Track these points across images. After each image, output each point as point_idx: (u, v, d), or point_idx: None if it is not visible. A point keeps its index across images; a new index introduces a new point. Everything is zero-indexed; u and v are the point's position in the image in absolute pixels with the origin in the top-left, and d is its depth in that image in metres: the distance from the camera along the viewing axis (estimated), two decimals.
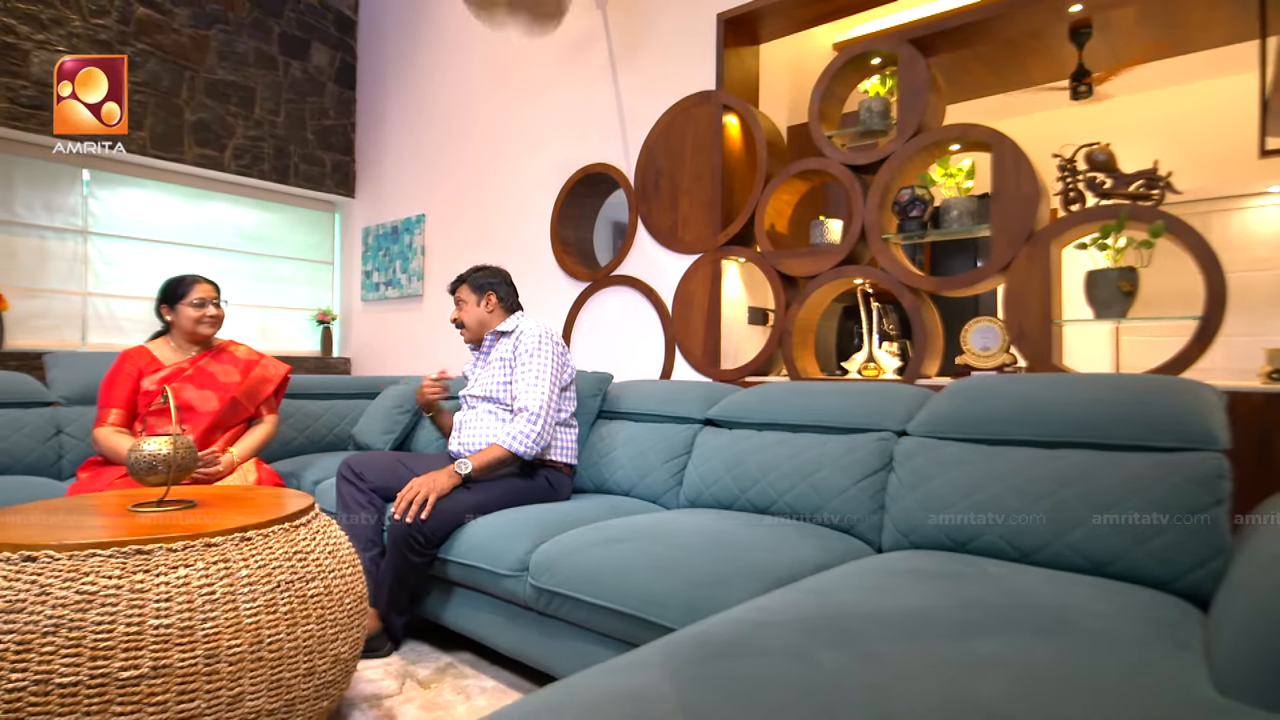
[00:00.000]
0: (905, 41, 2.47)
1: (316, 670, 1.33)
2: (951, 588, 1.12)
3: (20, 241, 3.49)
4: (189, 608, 1.17)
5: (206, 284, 2.29)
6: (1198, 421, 1.36)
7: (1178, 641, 0.99)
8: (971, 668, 0.81)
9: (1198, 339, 1.96)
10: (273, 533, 1.34)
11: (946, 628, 0.94)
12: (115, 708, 1.10)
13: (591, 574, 1.47)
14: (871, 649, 0.86)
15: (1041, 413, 1.51)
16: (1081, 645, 0.91)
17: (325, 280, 4.70)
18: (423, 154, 4.20)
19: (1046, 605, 1.06)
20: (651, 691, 0.75)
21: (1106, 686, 0.79)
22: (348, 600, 1.44)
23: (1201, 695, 0.82)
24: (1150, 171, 2.14)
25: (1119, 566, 1.29)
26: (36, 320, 3.55)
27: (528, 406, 2.01)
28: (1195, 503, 1.27)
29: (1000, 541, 1.41)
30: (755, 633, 0.93)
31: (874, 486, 1.66)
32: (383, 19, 4.50)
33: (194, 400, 2.21)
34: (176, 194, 4.02)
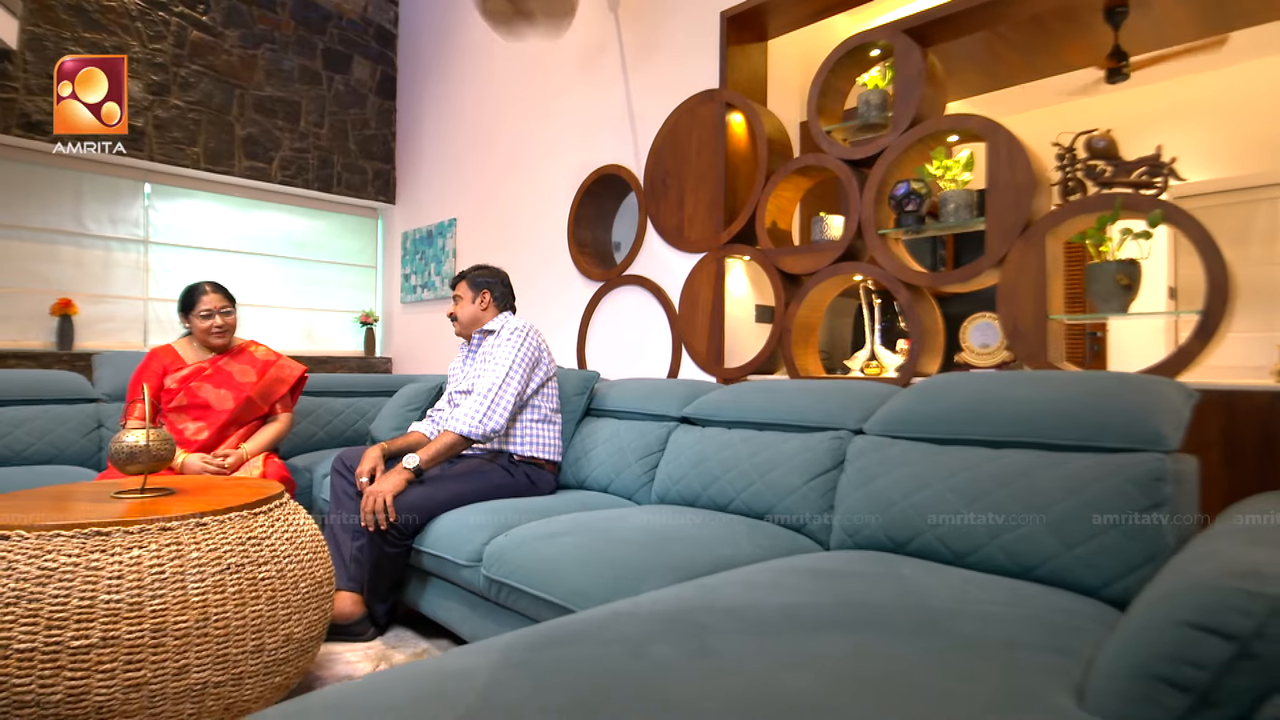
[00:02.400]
0: (900, 32, 2.41)
1: (266, 648, 1.42)
2: (845, 587, 1.11)
3: (88, 252, 3.81)
4: (139, 585, 1.28)
5: (214, 295, 2.44)
6: (1146, 422, 1.29)
7: (1062, 648, 0.95)
8: (794, 664, 0.81)
9: (1198, 335, 1.85)
10: (228, 519, 1.44)
11: (802, 625, 0.94)
12: (66, 673, 1.21)
13: (531, 566, 1.52)
14: (708, 642, 0.87)
15: (991, 412, 1.46)
16: (936, 648, 0.89)
17: (368, 283, 4.92)
18: (454, 160, 4.35)
19: (934, 607, 1.04)
20: (470, 672, 0.79)
21: (927, 688, 0.78)
22: (303, 584, 1.53)
23: (1043, 704, 0.79)
24: (1153, 158, 2.02)
25: (1047, 570, 1.24)
26: (103, 324, 3.86)
27: (476, 388, 2.08)
28: (1131, 506, 1.21)
29: (936, 542, 1.38)
30: (611, 622, 0.95)
31: (825, 485, 1.64)
32: (420, 31, 4.68)
33: (211, 398, 2.37)
34: (228, 204, 4.30)
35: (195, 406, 2.34)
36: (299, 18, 4.40)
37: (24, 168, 3.60)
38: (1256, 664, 0.72)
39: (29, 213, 3.63)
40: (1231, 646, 0.72)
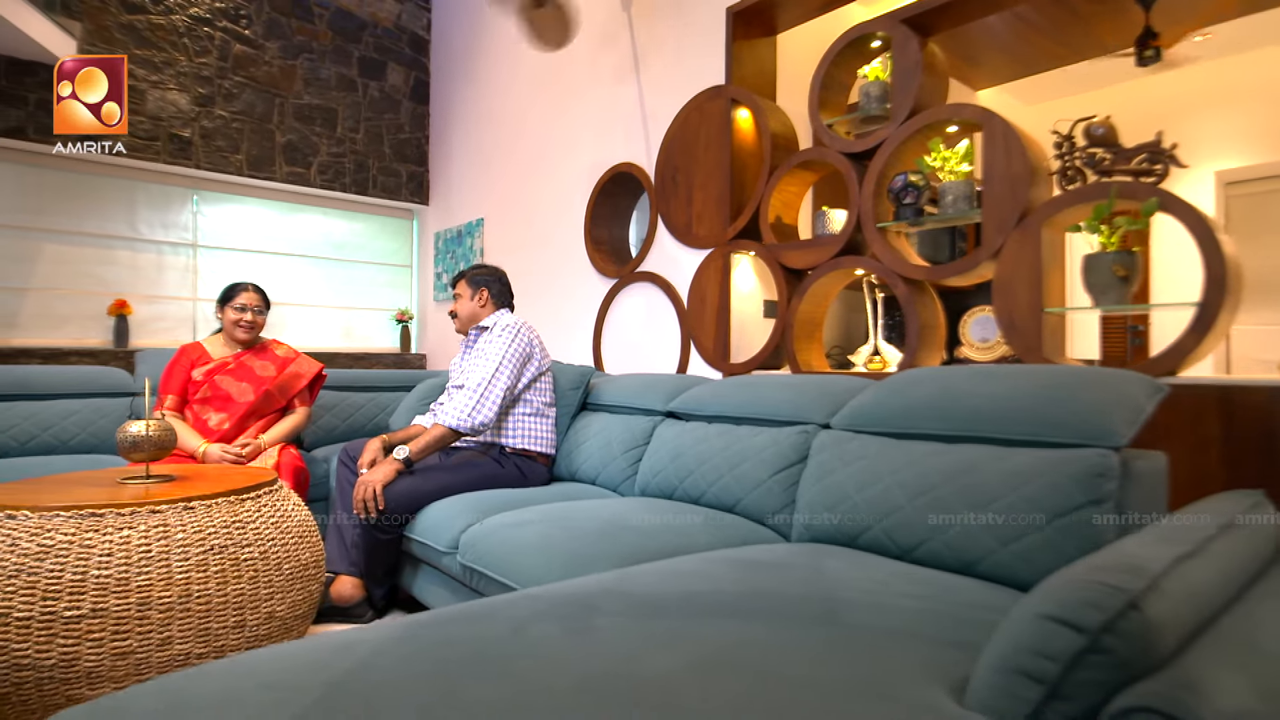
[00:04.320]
0: (898, 22, 2.37)
1: (248, 624, 1.53)
2: (761, 577, 1.13)
3: (141, 255, 4.07)
4: (126, 562, 1.40)
5: (253, 294, 2.61)
6: (1096, 417, 1.26)
7: (962, 643, 0.95)
8: (664, 646, 0.84)
9: (1194, 329, 1.78)
10: (215, 504, 1.55)
11: (695, 611, 0.96)
12: (60, 640, 1.33)
13: (498, 553, 1.58)
14: (594, 623, 0.91)
15: (950, 407, 1.45)
16: (821, 637, 0.91)
17: (404, 282, 5.09)
18: (481, 161, 4.47)
19: (842, 599, 1.05)
20: (354, 646, 0.85)
21: (791, 675, 0.80)
22: (286, 566, 1.63)
23: (906, 694, 0.80)
24: (1153, 144, 1.95)
25: (986, 566, 1.23)
26: (156, 323, 4.12)
27: (467, 384, 2.16)
28: (1069, 502, 1.19)
29: (884, 537, 1.38)
30: (517, 602, 1.00)
31: (789, 479, 1.65)
32: (452, 36, 4.81)
33: (233, 391, 2.52)
34: (271, 208, 4.52)
35: (218, 398, 2.49)
36: (336, 28, 4.59)
37: (83, 178, 3.88)
38: (1105, 658, 0.71)
39: (88, 220, 3.90)
40: (1081, 639, 0.72)
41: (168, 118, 3.97)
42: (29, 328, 3.74)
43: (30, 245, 3.75)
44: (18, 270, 3.72)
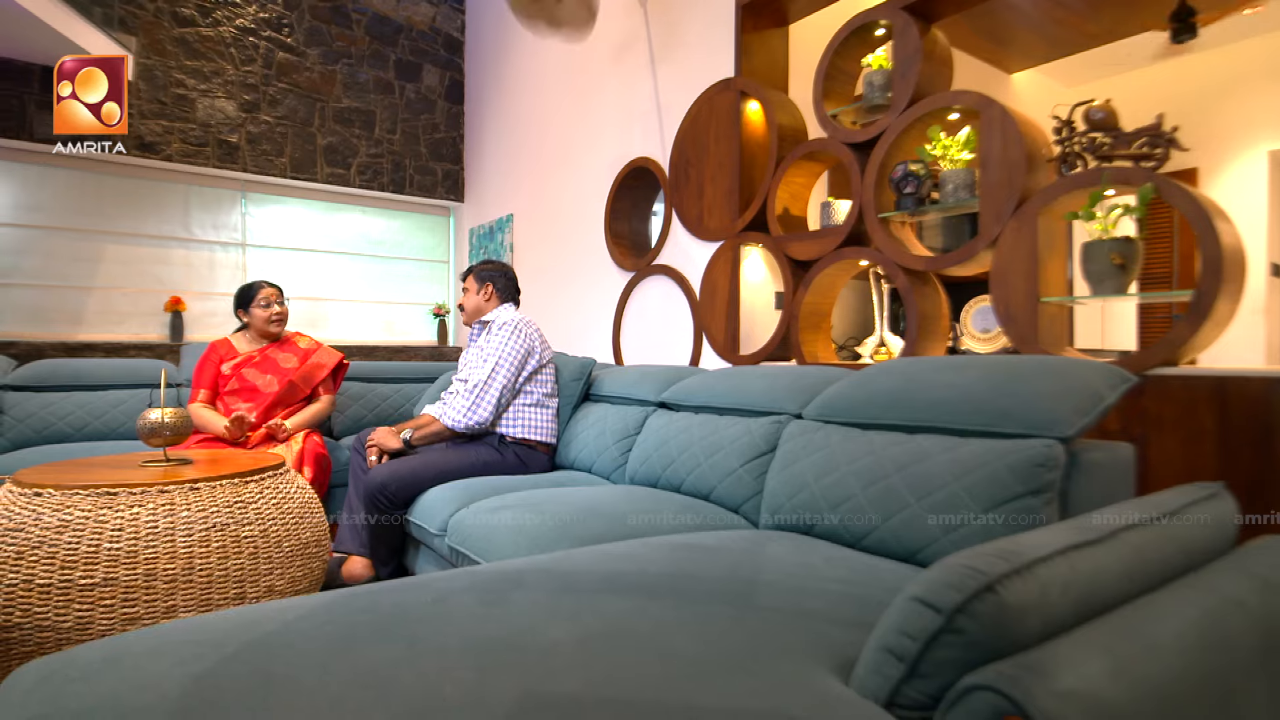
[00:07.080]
0: (899, 9, 2.34)
1: (248, 597, 1.65)
2: (694, 559, 1.17)
3: (194, 254, 4.33)
4: (135, 537, 1.53)
5: (270, 288, 2.77)
6: (1046, 408, 1.25)
7: (871, 625, 0.97)
8: (564, 619, 0.90)
9: (1189, 318, 1.72)
10: (219, 485, 1.68)
11: (609, 588, 1.01)
12: (75, 606, 1.47)
13: (478, 535, 1.66)
14: (510, 596, 0.97)
15: (912, 397, 1.45)
16: (725, 615, 0.94)
17: (441, 277, 5.26)
18: (511, 158, 4.57)
19: (763, 581, 1.08)
20: (287, 611, 0.93)
21: (674, 647, 0.85)
22: (287, 544, 1.74)
23: (784, 669, 0.84)
24: (1153, 128, 1.88)
25: (927, 554, 1.24)
26: (208, 319, 4.38)
27: (467, 381, 2.27)
28: (1006, 492, 1.19)
29: (838, 526, 1.40)
30: (452, 578, 1.07)
31: (759, 468, 1.68)
32: (485, 36, 4.93)
33: (259, 382, 2.69)
34: (314, 208, 4.73)
35: (245, 389, 2.66)
36: (373, 33, 4.76)
37: (141, 183, 4.15)
38: (959, 638, 0.73)
39: (145, 222, 4.17)
40: (938, 619, 0.74)
41: (216, 124, 4.21)
42: (94, 323, 4.03)
43: (94, 247, 4.04)
44: (83, 270, 4.01)
